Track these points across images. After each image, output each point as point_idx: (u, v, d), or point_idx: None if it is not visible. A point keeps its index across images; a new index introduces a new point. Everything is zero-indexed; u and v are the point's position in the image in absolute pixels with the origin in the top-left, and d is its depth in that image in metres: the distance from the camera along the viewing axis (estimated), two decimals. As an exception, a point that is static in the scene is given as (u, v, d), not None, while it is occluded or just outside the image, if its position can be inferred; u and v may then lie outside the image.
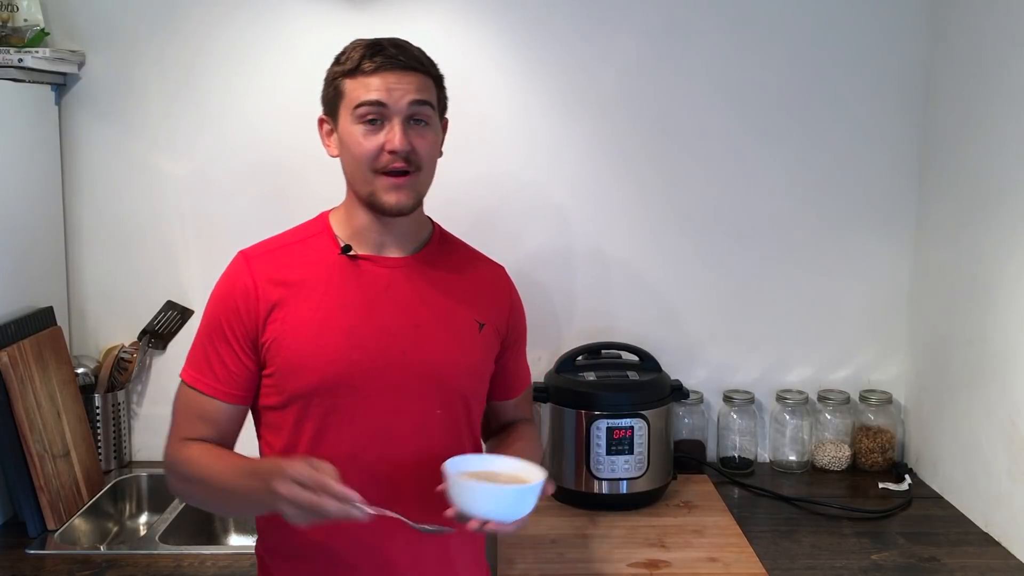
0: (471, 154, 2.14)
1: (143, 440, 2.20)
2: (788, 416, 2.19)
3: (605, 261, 2.21)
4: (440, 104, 1.37)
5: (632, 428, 1.92)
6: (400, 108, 1.29)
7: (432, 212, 1.47)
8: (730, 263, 2.22)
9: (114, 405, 2.13)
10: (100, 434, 2.10)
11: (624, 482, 1.93)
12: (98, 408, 2.10)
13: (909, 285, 2.22)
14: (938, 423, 2.08)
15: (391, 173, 1.29)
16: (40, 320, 1.98)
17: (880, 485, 2.08)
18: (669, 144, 2.17)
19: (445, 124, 1.40)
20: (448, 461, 1.24)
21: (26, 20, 2.02)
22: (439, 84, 1.37)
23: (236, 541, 2.07)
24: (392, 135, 1.28)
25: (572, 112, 2.16)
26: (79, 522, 1.89)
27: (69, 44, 2.11)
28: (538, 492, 1.20)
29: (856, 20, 2.14)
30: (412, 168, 1.30)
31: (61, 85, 2.12)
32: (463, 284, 1.41)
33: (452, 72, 2.10)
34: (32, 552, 1.74)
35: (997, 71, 1.85)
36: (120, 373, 2.15)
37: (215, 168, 2.16)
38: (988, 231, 1.87)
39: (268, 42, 2.11)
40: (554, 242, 2.20)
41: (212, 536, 2.05)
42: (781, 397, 2.20)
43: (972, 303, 1.93)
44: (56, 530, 1.82)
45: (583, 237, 2.20)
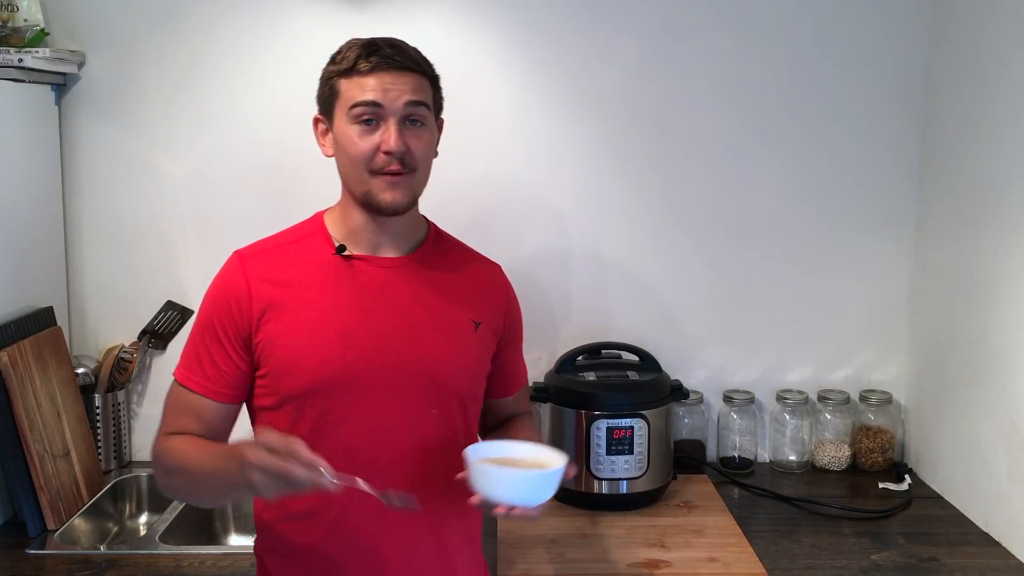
0: (470, 154, 2.14)
1: (143, 440, 2.20)
2: (788, 416, 2.19)
3: (605, 261, 2.21)
4: (436, 104, 1.37)
5: (632, 428, 1.92)
6: (396, 109, 1.28)
7: (431, 211, 1.47)
8: (730, 263, 2.22)
9: (114, 405, 2.13)
10: (100, 434, 2.10)
11: (624, 482, 1.93)
12: (98, 408, 2.11)
13: (909, 285, 2.22)
14: (938, 423, 2.08)
15: (387, 173, 1.29)
16: (40, 320, 1.98)
17: (880, 485, 2.08)
18: (669, 144, 2.17)
19: (441, 124, 1.40)
20: (468, 448, 1.25)
21: (26, 20, 2.03)
22: (435, 84, 1.36)
23: (236, 541, 2.07)
24: (388, 136, 1.28)
25: (572, 112, 2.16)
26: (79, 522, 1.89)
27: (69, 44, 2.11)
28: (561, 475, 1.21)
29: (856, 20, 2.14)
30: (407, 169, 1.30)
31: (61, 85, 2.12)
32: (459, 283, 1.40)
33: (452, 72, 2.11)
34: (32, 552, 1.74)
35: (997, 71, 1.85)
36: (120, 373, 2.15)
37: (215, 168, 2.16)
38: (988, 231, 1.87)
39: (268, 42, 2.12)
40: (554, 242, 2.20)
41: (212, 536, 2.05)
42: (781, 397, 2.20)
43: (972, 303, 1.93)
44: (56, 530, 1.82)
45: (583, 237, 2.20)
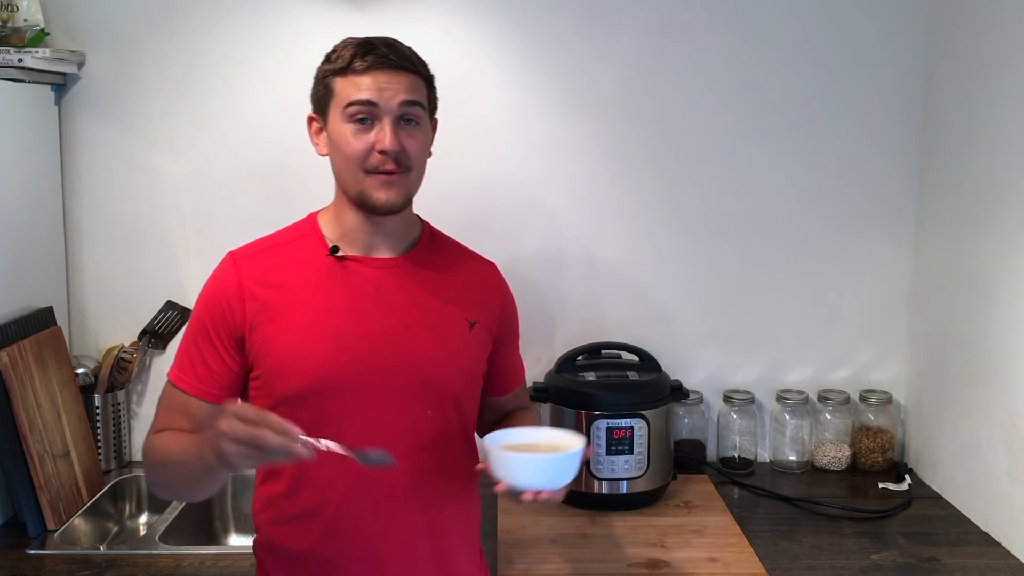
0: (469, 154, 2.14)
1: (143, 440, 2.19)
2: (788, 416, 2.19)
3: (604, 261, 2.21)
4: (430, 104, 1.36)
5: (632, 428, 1.92)
6: (391, 108, 1.28)
7: (429, 211, 1.47)
8: (730, 263, 2.22)
9: (114, 405, 2.13)
10: (100, 434, 2.10)
11: (624, 482, 1.93)
12: (98, 408, 2.11)
13: (909, 285, 2.22)
14: (938, 423, 2.08)
15: (382, 172, 1.29)
16: (40, 320, 1.98)
17: (880, 485, 2.08)
18: (668, 144, 2.17)
19: (435, 124, 1.39)
20: (486, 437, 1.26)
21: (26, 20, 2.03)
22: (429, 84, 1.36)
23: (236, 541, 2.07)
24: (383, 135, 1.27)
25: (570, 112, 2.16)
26: (79, 522, 1.89)
27: (69, 44, 2.11)
28: (581, 456, 1.23)
29: (856, 20, 2.14)
30: (402, 168, 1.30)
31: (61, 85, 2.12)
32: (453, 283, 1.40)
33: (451, 72, 2.11)
34: (32, 552, 1.74)
35: (998, 71, 1.85)
36: (120, 373, 2.15)
37: (215, 168, 2.16)
38: (988, 231, 1.87)
39: (268, 42, 2.12)
40: (553, 242, 2.20)
41: (212, 536, 2.06)
42: (781, 397, 2.20)
43: (972, 303, 1.93)
44: (56, 530, 1.82)
45: (582, 237, 2.20)
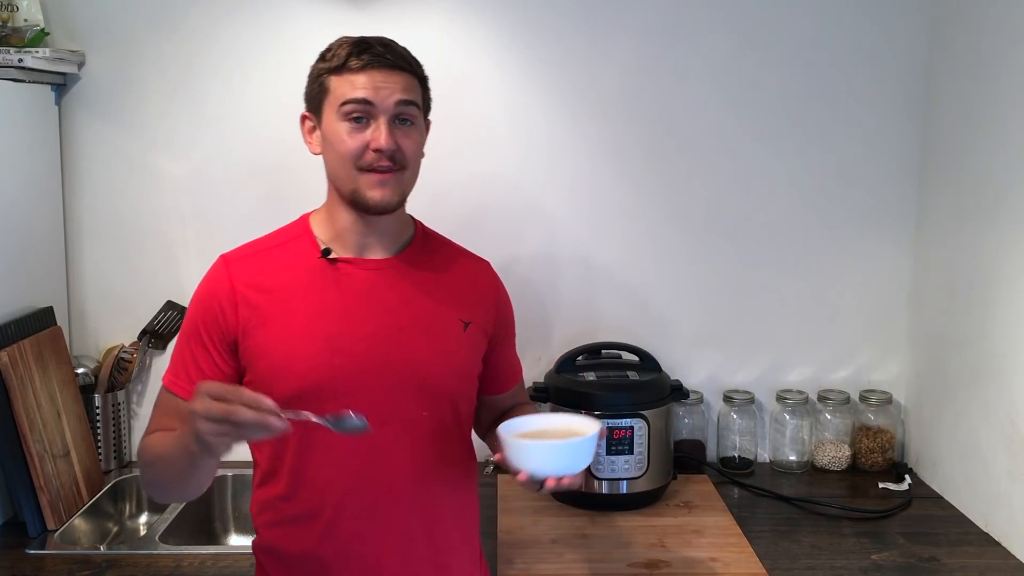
0: (470, 153, 2.14)
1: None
2: (788, 416, 2.19)
3: (604, 260, 2.21)
4: (425, 104, 1.36)
5: (632, 428, 1.92)
6: (387, 107, 1.28)
7: (428, 210, 1.47)
8: (730, 263, 2.22)
9: (114, 405, 2.13)
10: (100, 434, 2.10)
11: (624, 482, 1.93)
12: (98, 408, 2.11)
13: (909, 285, 2.22)
14: (938, 423, 2.08)
15: (376, 171, 1.28)
16: (40, 320, 1.98)
17: (880, 485, 2.08)
18: (669, 143, 2.17)
19: (428, 125, 1.39)
20: (500, 427, 1.26)
21: (26, 20, 2.03)
22: (424, 85, 1.36)
23: (236, 541, 2.07)
24: (378, 134, 1.27)
25: (572, 111, 2.16)
26: (79, 522, 1.89)
27: (69, 44, 2.11)
28: (597, 438, 1.24)
29: (856, 20, 2.14)
30: (397, 166, 1.29)
31: (61, 85, 2.12)
32: (447, 283, 1.39)
33: (452, 71, 2.13)
34: (32, 552, 1.74)
35: (997, 71, 1.85)
36: (120, 373, 2.15)
37: (215, 168, 2.16)
38: (988, 231, 1.87)
39: (268, 42, 2.12)
40: (553, 242, 2.20)
41: (212, 536, 2.06)
42: (781, 397, 2.20)
43: (972, 303, 1.93)
44: (56, 530, 1.82)
45: (583, 237, 2.20)
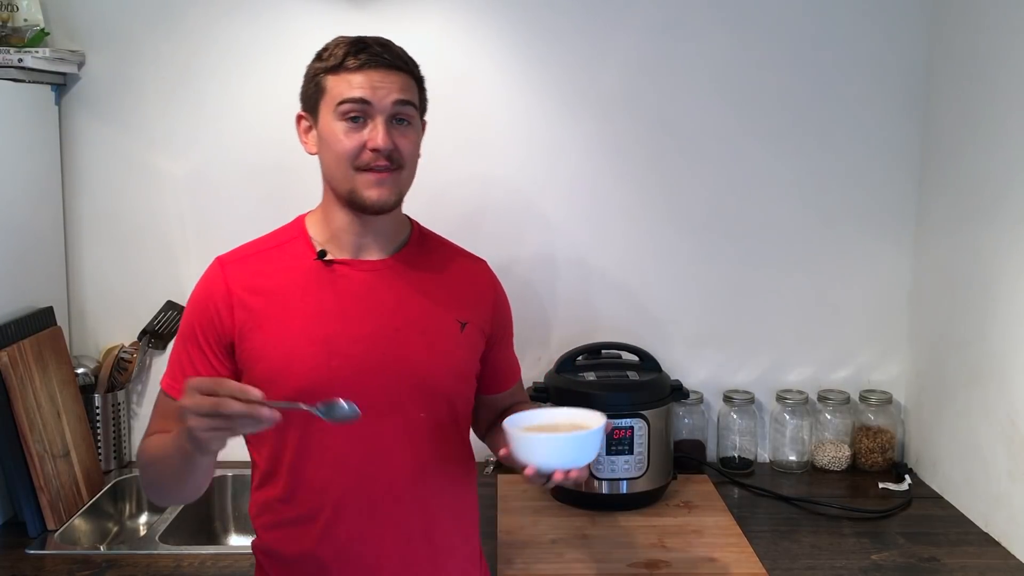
0: (470, 154, 2.14)
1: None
2: (788, 416, 2.19)
3: (605, 260, 2.21)
4: (421, 105, 1.36)
5: (632, 428, 1.92)
6: (384, 107, 1.28)
7: (428, 210, 1.47)
8: (730, 262, 2.22)
9: (114, 405, 2.13)
10: (100, 434, 2.10)
11: (624, 482, 1.93)
12: (98, 408, 2.10)
13: (909, 285, 2.22)
14: (938, 423, 2.08)
15: (373, 170, 1.28)
16: (40, 320, 1.98)
17: (880, 485, 2.08)
18: (669, 143, 2.17)
19: (423, 126, 1.39)
20: (506, 421, 1.26)
21: (26, 20, 2.03)
22: (420, 85, 1.36)
23: (236, 541, 2.07)
24: (375, 133, 1.27)
25: (572, 111, 2.16)
26: (79, 522, 1.89)
27: (69, 44, 2.11)
28: (604, 430, 1.25)
29: (856, 20, 2.14)
30: (394, 165, 1.29)
31: (61, 85, 2.12)
32: (444, 283, 1.39)
33: (452, 71, 2.13)
34: (32, 552, 1.74)
35: (997, 71, 1.85)
36: (120, 373, 2.15)
37: (215, 168, 2.16)
38: (988, 230, 1.87)
39: (267, 42, 2.11)
40: (554, 242, 2.20)
41: (212, 536, 2.06)
42: (781, 397, 2.20)
43: (972, 303, 1.93)
44: (56, 530, 1.82)
45: (583, 236, 2.20)
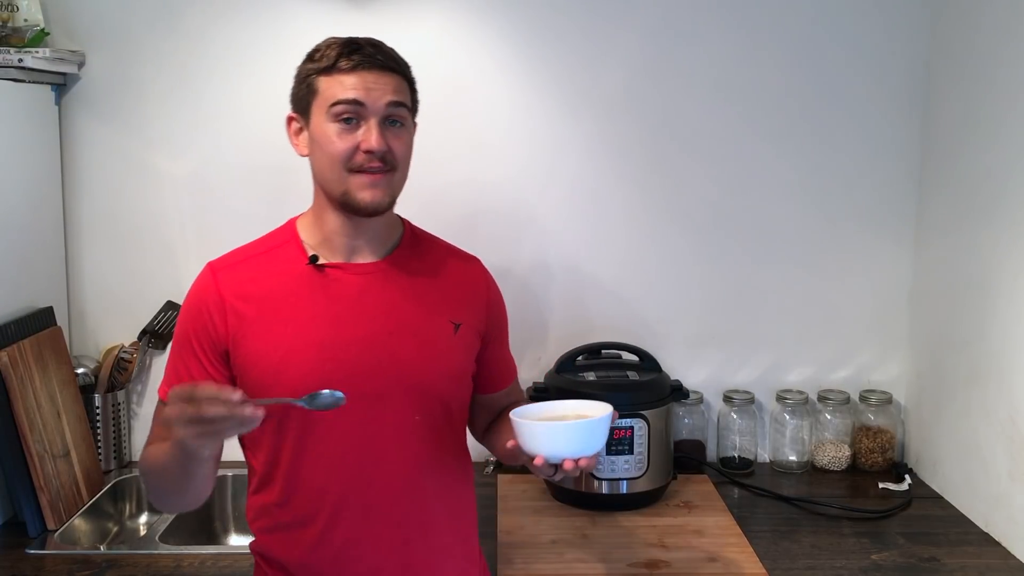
0: (470, 154, 2.14)
1: (143, 440, 2.17)
2: (788, 416, 2.19)
3: (605, 260, 2.21)
4: (413, 106, 1.36)
5: (632, 428, 1.92)
6: (377, 108, 1.27)
7: (428, 210, 1.47)
8: (730, 262, 2.22)
9: (114, 405, 2.13)
10: (100, 434, 2.10)
11: (624, 482, 1.93)
12: (98, 408, 2.11)
13: (909, 285, 2.22)
14: (938, 423, 2.08)
15: (367, 172, 1.27)
16: (40, 320, 1.98)
17: (880, 485, 2.08)
18: (670, 143, 2.17)
19: (415, 126, 1.38)
20: (513, 412, 1.27)
21: (26, 20, 2.03)
22: (412, 86, 1.35)
23: (236, 541, 2.07)
24: (369, 135, 1.26)
25: (574, 111, 2.16)
26: (79, 522, 1.89)
27: (69, 44, 2.11)
28: (611, 419, 1.26)
29: (858, 20, 2.14)
30: (388, 168, 1.29)
31: (61, 85, 2.12)
32: (437, 284, 1.39)
33: (452, 71, 2.13)
34: (32, 552, 1.74)
35: (997, 71, 1.85)
36: (120, 373, 2.15)
37: (215, 168, 2.16)
38: (988, 230, 1.87)
39: (267, 41, 2.11)
40: (554, 241, 2.20)
41: (212, 536, 2.06)
42: (781, 397, 2.20)
43: (972, 303, 1.93)
44: (56, 530, 1.82)
45: (583, 236, 2.20)
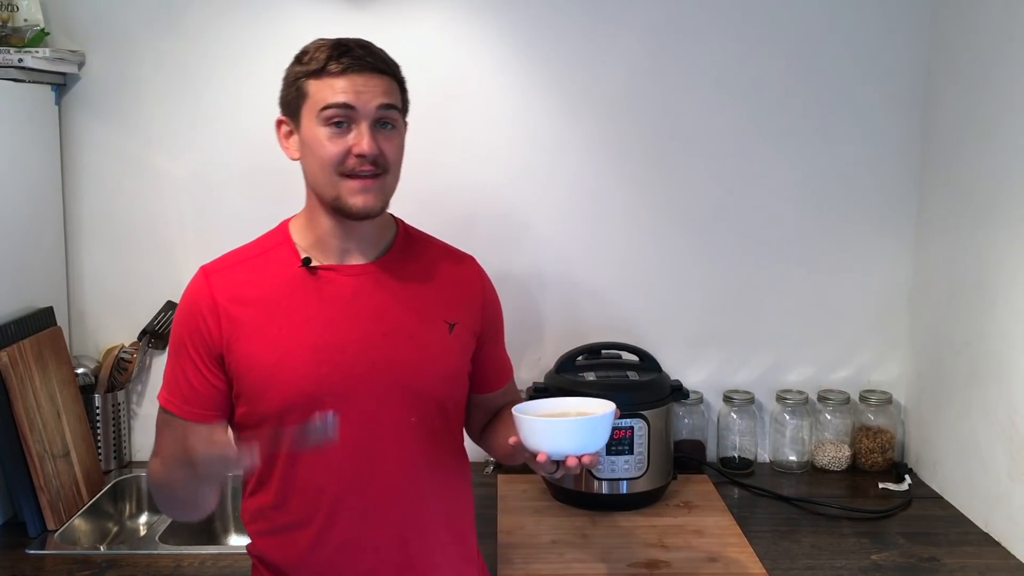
0: (470, 153, 2.14)
1: (143, 440, 2.20)
2: (788, 416, 2.19)
3: (605, 260, 2.21)
4: (404, 107, 1.35)
5: (632, 428, 1.91)
6: (368, 111, 1.26)
7: (428, 210, 1.47)
8: (731, 262, 2.22)
9: (114, 405, 2.13)
10: (100, 434, 2.10)
11: (624, 482, 1.93)
12: (98, 408, 2.11)
13: (909, 285, 2.22)
14: (938, 423, 2.08)
15: (358, 176, 1.27)
16: (40, 320, 1.98)
17: (880, 485, 2.08)
18: (670, 142, 2.17)
19: (406, 127, 1.37)
20: (515, 408, 1.27)
21: (26, 20, 2.03)
22: (402, 86, 1.34)
23: (236, 541, 2.07)
24: (360, 138, 1.26)
25: (574, 111, 2.16)
26: (79, 522, 1.89)
27: (69, 44, 2.11)
28: (614, 416, 1.27)
29: (858, 20, 2.14)
30: (379, 171, 1.28)
31: (61, 85, 2.12)
32: (431, 285, 1.38)
33: (452, 71, 2.13)
34: (32, 552, 1.74)
35: (997, 70, 1.85)
36: (120, 373, 2.15)
37: (215, 168, 2.16)
38: (988, 230, 1.87)
39: (267, 41, 2.11)
40: (555, 241, 2.20)
41: (212, 536, 2.05)
42: (781, 397, 2.20)
43: (972, 303, 1.93)
44: (56, 530, 1.82)
45: (584, 236, 2.20)
